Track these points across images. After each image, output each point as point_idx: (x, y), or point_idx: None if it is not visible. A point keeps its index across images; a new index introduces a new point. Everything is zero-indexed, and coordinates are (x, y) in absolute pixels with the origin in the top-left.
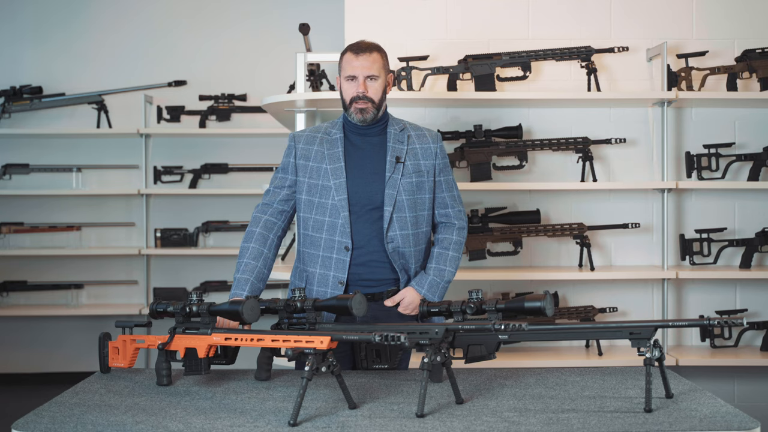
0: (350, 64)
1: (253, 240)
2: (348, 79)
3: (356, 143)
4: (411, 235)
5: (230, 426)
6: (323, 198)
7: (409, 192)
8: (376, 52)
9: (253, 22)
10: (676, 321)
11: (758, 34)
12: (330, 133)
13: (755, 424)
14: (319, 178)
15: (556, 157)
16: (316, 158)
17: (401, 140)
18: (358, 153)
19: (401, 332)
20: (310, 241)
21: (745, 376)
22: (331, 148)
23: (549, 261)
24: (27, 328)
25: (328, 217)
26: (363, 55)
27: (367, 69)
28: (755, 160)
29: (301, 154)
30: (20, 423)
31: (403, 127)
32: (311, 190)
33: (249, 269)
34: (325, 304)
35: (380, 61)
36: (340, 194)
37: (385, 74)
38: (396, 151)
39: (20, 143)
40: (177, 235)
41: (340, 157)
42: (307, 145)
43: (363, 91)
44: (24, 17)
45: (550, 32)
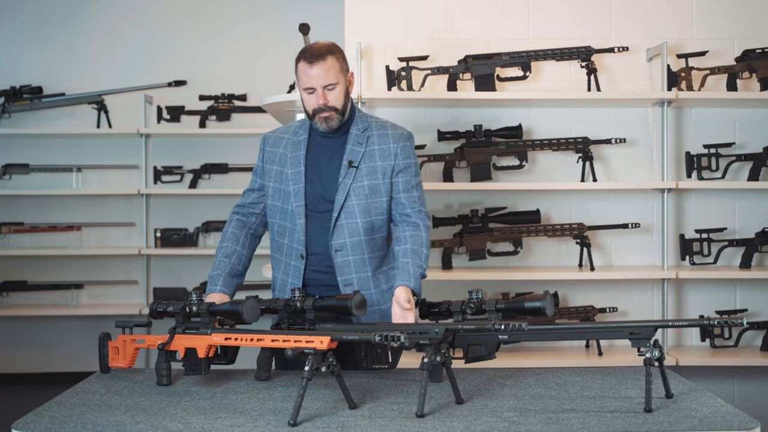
0: (306, 74)
1: (226, 239)
2: (306, 90)
3: (320, 144)
4: (364, 241)
5: (230, 426)
6: (285, 203)
7: (361, 196)
8: (330, 57)
9: (253, 22)
10: (676, 321)
11: (758, 34)
12: (297, 134)
13: (755, 424)
14: (281, 183)
15: (556, 157)
16: (281, 162)
17: (360, 142)
18: (319, 157)
19: (401, 332)
20: (276, 246)
21: (745, 376)
22: (294, 150)
23: (549, 261)
24: (27, 328)
25: (288, 222)
26: (317, 64)
27: (324, 78)
28: (755, 160)
29: (268, 158)
30: (20, 423)
31: (367, 127)
32: (275, 195)
33: (222, 266)
34: (326, 304)
35: (336, 66)
36: (298, 200)
37: (344, 77)
38: (352, 155)
39: (20, 143)
40: (177, 235)
41: (301, 161)
42: (273, 147)
43: (324, 102)
44: (24, 17)
45: (550, 32)
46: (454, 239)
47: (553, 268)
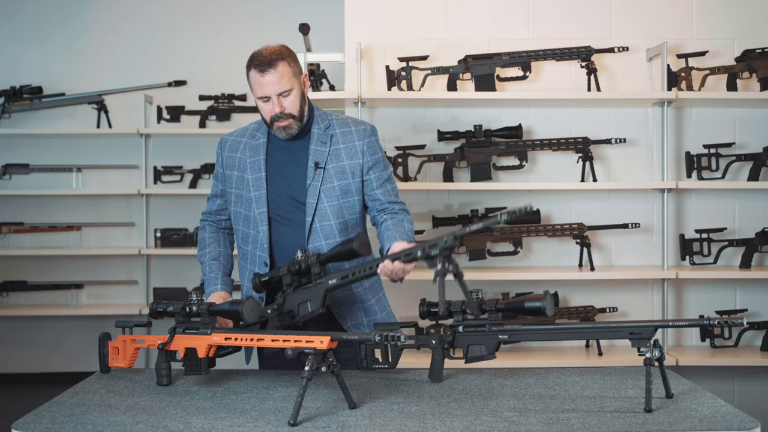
0: (258, 83)
1: (207, 245)
2: (261, 99)
3: (280, 147)
4: (352, 220)
5: (230, 426)
6: (247, 210)
7: (332, 198)
8: (280, 62)
9: (253, 22)
10: (676, 321)
11: (758, 34)
12: (254, 137)
13: (755, 424)
14: (243, 188)
15: (556, 157)
16: (240, 167)
17: (324, 141)
18: (281, 160)
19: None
20: (242, 254)
21: (745, 376)
22: (253, 155)
23: (549, 261)
24: (27, 328)
25: (251, 229)
26: (268, 73)
27: (276, 86)
28: (755, 160)
29: (226, 163)
30: (20, 423)
31: (329, 125)
32: (237, 201)
33: (214, 268)
34: (331, 254)
35: (288, 72)
36: (260, 207)
37: (298, 81)
38: (317, 155)
39: (20, 143)
40: (177, 235)
41: (261, 166)
42: (231, 152)
43: (280, 110)
44: (24, 17)
45: (550, 32)
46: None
47: (553, 268)
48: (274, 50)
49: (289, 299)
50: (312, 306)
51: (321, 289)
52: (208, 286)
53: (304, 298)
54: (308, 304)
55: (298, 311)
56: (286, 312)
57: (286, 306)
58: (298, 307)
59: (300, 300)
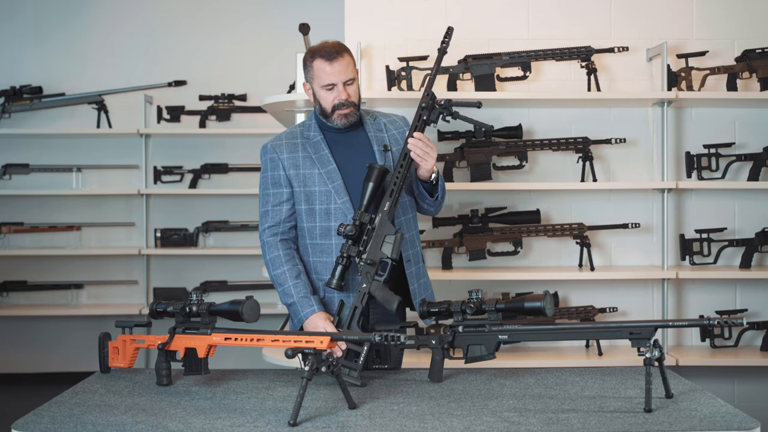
0: (324, 71)
1: (283, 263)
2: (325, 87)
3: (338, 141)
4: (411, 218)
5: (230, 426)
6: (324, 204)
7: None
8: (346, 53)
9: (253, 22)
10: (676, 321)
11: (758, 34)
12: (308, 137)
13: (755, 424)
14: (315, 185)
15: (556, 157)
16: (305, 165)
17: (379, 128)
18: (345, 151)
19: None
20: (320, 250)
21: (745, 376)
22: (316, 151)
23: (549, 261)
24: (27, 328)
25: (333, 221)
26: (337, 61)
27: (344, 74)
28: (755, 160)
29: (289, 164)
30: (20, 423)
31: (376, 117)
32: (309, 198)
33: (301, 287)
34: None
35: (351, 62)
36: (342, 197)
37: (357, 73)
38: (379, 140)
39: (20, 143)
40: (177, 235)
41: (329, 159)
42: (291, 153)
43: (346, 97)
44: (24, 17)
45: (550, 32)
46: (454, 239)
47: (553, 268)
48: (337, 42)
49: (372, 244)
50: (387, 249)
51: (384, 217)
52: (302, 309)
53: (380, 242)
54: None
55: (379, 254)
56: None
57: (370, 252)
58: (381, 250)
59: (378, 245)
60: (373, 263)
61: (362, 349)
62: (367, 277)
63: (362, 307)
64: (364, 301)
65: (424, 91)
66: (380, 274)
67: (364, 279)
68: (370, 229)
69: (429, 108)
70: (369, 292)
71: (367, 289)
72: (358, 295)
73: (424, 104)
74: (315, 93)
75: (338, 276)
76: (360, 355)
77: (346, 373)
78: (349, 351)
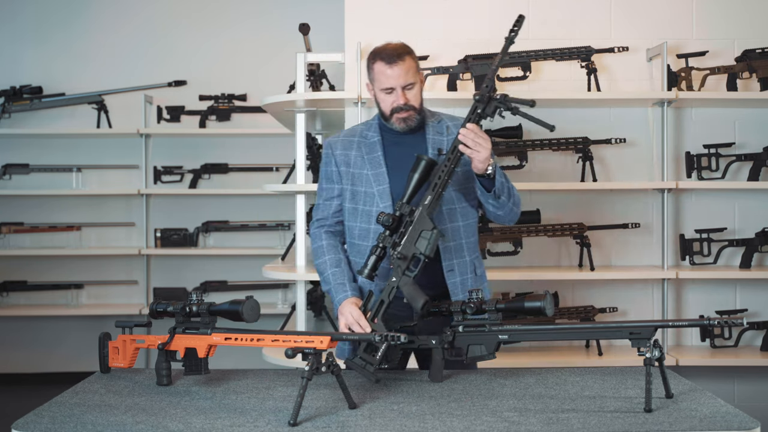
0: (384, 74)
1: (325, 253)
2: (385, 91)
3: (396, 144)
4: (461, 227)
5: (230, 426)
6: (367, 205)
7: (456, 183)
8: (408, 57)
9: (253, 22)
10: (676, 321)
11: (758, 34)
12: (367, 137)
13: (755, 424)
14: (362, 185)
15: (556, 157)
16: (357, 164)
17: (440, 132)
18: (399, 154)
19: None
20: (357, 250)
21: (745, 376)
22: (370, 152)
23: (549, 261)
24: (27, 328)
25: (373, 225)
26: (397, 65)
27: (403, 78)
28: (755, 160)
29: (341, 161)
30: (20, 423)
31: (440, 119)
32: (354, 198)
33: (338, 275)
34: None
35: (413, 66)
36: (384, 201)
37: (419, 76)
38: (437, 144)
39: (20, 143)
40: (177, 235)
41: (381, 161)
42: (344, 150)
43: (404, 101)
44: (24, 17)
45: (550, 32)
46: None
47: (553, 268)
48: (400, 45)
49: (408, 237)
50: (422, 245)
51: (424, 211)
52: (336, 294)
53: (415, 237)
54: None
55: (413, 249)
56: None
57: (404, 245)
58: (415, 245)
59: (413, 239)
60: (404, 257)
61: (381, 345)
62: (398, 271)
63: (389, 301)
64: (391, 295)
65: (483, 84)
66: (411, 270)
67: (395, 273)
68: (408, 221)
69: (485, 101)
70: (397, 286)
71: (396, 283)
72: (386, 289)
73: (478, 96)
74: (375, 95)
75: (370, 266)
76: (378, 350)
77: (362, 366)
78: (369, 344)
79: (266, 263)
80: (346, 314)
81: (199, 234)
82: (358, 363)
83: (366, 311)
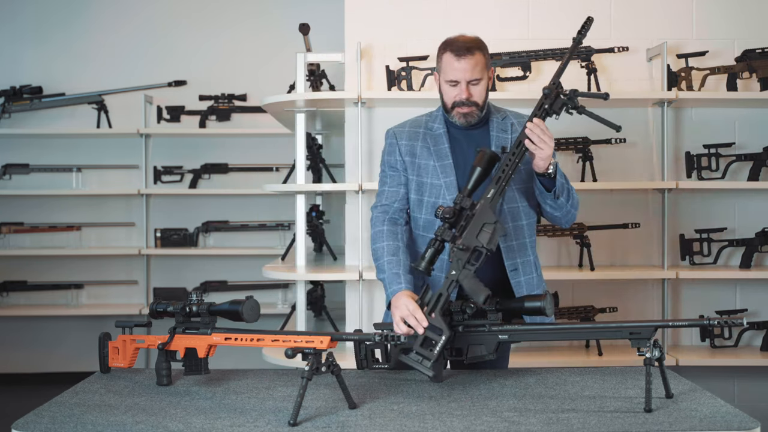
0: (451, 66)
1: (384, 239)
2: (449, 83)
3: (459, 137)
4: (525, 225)
5: (230, 426)
6: (433, 197)
7: (518, 181)
8: (478, 52)
9: (253, 22)
10: (676, 321)
11: (758, 34)
12: (432, 128)
13: (755, 424)
14: (428, 176)
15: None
16: (422, 155)
17: (504, 129)
18: (463, 149)
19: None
20: (423, 241)
21: (745, 376)
22: (436, 144)
23: (549, 261)
24: (27, 328)
25: None
26: (465, 58)
27: (470, 73)
28: (755, 160)
29: (406, 151)
30: (20, 423)
31: (505, 116)
32: (420, 189)
33: (394, 264)
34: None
35: (482, 62)
36: (451, 193)
37: (487, 73)
38: (500, 141)
39: (20, 143)
40: (177, 235)
41: (447, 153)
42: (410, 141)
43: (467, 96)
44: (24, 17)
45: (550, 32)
46: None
47: (553, 268)
48: (472, 39)
49: (469, 230)
50: (484, 239)
51: (486, 204)
52: (390, 285)
53: (477, 229)
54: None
55: (475, 242)
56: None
57: (465, 238)
58: (477, 237)
59: (474, 232)
60: (466, 248)
61: (440, 339)
62: (458, 264)
63: (447, 294)
64: (450, 289)
65: (551, 80)
66: (472, 263)
67: (454, 265)
68: (469, 214)
69: (552, 97)
70: (457, 280)
71: (456, 276)
72: (445, 282)
73: (547, 91)
74: (440, 85)
75: (428, 258)
76: (437, 344)
77: (418, 361)
78: (425, 339)
79: (266, 263)
80: (401, 307)
81: (199, 234)
82: (414, 359)
83: (423, 305)
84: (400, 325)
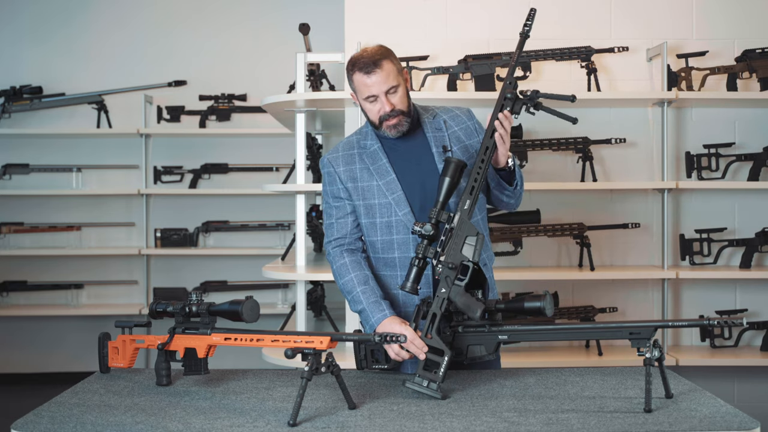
0: (364, 84)
1: (350, 270)
2: (368, 100)
3: (396, 148)
4: (480, 220)
5: (230, 426)
6: (385, 217)
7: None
8: (385, 62)
9: (253, 23)
10: (676, 321)
11: (758, 34)
12: (365, 146)
13: (755, 424)
14: (374, 197)
15: (556, 157)
16: (363, 177)
17: (438, 127)
18: (403, 158)
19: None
20: (384, 263)
21: (745, 376)
22: (374, 162)
23: (549, 261)
24: (27, 328)
25: (395, 234)
26: (374, 73)
27: (384, 84)
28: (755, 160)
29: (346, 177)
30: (20, 423)
31: (435, 114)
32: (370, 211)
33: (369, 293)
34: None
35: (393, 69)
36: (402, 209)
37: (402, 77)
38: (438, 140)
39: (20, 143)
40: (177, 235)
41: (388, 169)
42: (347, 165)
43: (390, 108)
44: (24, 17)
45: (550, 32)
46: None
47: (553, 268)
48: (376, 50)
49: (451, 245)
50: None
51: (464, 217)
52: (373, 314)
53: (461, 244)
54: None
55: (460, 257)
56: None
57: (450, 254)
58: (461, 252)
59: (458, 246)
60: (454, 267)
61: (442, 360)
62: (447, 282)
63: (441, 313)
64: (443, 307)
65: (505, 80)
66: (461, 279)
67: (443, 283)
68: (447, 228)
69: (512, 98)
70: (449, 297)
71: (446, 294)
72: (436, 301)
73: (509, 94)
74: (361, 105)
75: (413, 278)
76: (440, 366)
77: (425, 386)
78: (426, 361)
79: (266, 263)
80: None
81: (199, 234)
82: (419, 383)
83: (416, 328)
84: (401, 353)
